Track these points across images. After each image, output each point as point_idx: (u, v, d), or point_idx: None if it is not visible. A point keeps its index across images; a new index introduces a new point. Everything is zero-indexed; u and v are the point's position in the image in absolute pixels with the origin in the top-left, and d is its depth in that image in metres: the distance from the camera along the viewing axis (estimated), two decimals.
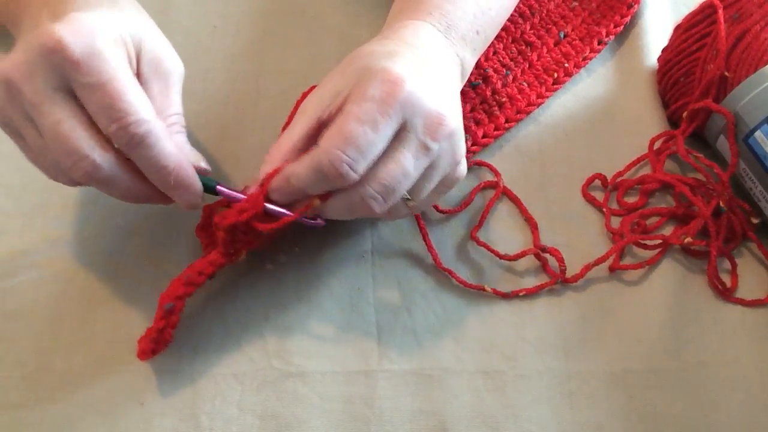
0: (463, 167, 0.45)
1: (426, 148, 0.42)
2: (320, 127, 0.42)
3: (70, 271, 0.48)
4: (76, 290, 0.47)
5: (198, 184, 0.42)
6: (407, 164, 0.42)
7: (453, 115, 0.43)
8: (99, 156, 0.39)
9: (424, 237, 0.49)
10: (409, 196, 0.44)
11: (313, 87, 0.45)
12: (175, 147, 0.41)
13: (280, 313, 0.47)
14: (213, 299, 0.47)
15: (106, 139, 0.40)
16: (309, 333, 0.47)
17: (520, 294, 0.48)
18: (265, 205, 0.42)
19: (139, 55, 0.42)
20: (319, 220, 0.44)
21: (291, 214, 0.43)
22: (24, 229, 0.49)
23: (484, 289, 0.48)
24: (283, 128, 0.48)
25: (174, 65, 0.43)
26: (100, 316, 0.46)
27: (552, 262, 0.49)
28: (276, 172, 0.42)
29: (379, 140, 0.40)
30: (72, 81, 0.38)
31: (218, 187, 0.43)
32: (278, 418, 0.44)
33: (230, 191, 0.43)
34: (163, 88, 0.42)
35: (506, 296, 0.48)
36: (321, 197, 0.42)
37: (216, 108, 0.55)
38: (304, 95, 0.47)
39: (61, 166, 0.40)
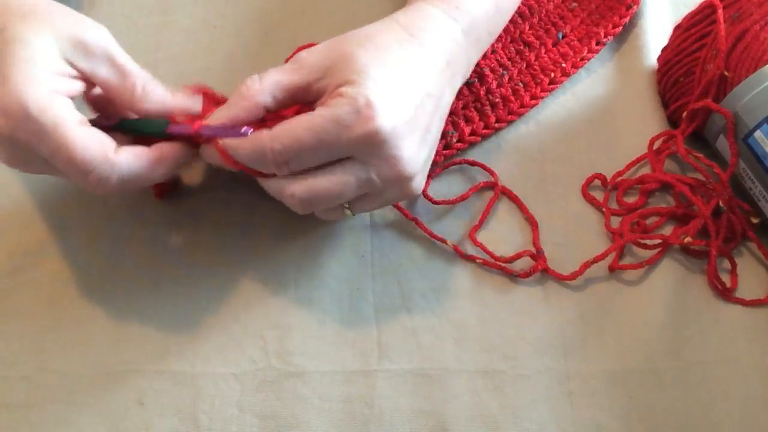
0: (416, 187, 0.44)
1: (371, 182, 0.42)
2: (293, 91, 0.42)
3: (70, 272, 0.48)
4: (76, 290, 0.47)
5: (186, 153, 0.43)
6: (345, 188, 0.41)
7: (411, 157, 0.42)
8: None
9: (421, 226, 0.50)
10: (347, 205, 0.44)
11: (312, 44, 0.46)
12: (141, 159, 0.41)
13: (280, 313, 0.47)
14: (212, 299, 0.47)
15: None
16: (309, 333, 0.47)
17: (477, 261, 0.49)
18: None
19: (73, 57, 0.41)
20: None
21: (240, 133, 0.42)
22: (24, 229, 0.49)
23: (445, 242, 0.49)
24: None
25: (100, 38, 0.42)
26: (100, 316, 0.46)
27: (551, 263, 0.49)
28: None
29: (324, 157, 0.41)
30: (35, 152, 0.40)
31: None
32: (278, 418, 0.44)
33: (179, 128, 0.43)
34: (110, 64, 0.42)
35: (466, 258, 0.49)
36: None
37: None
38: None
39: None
